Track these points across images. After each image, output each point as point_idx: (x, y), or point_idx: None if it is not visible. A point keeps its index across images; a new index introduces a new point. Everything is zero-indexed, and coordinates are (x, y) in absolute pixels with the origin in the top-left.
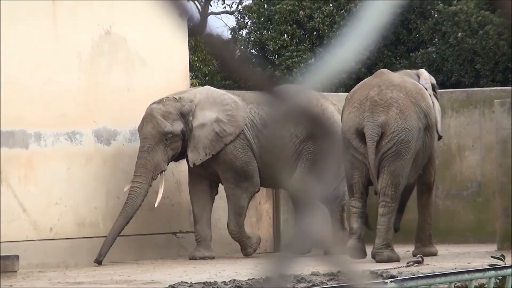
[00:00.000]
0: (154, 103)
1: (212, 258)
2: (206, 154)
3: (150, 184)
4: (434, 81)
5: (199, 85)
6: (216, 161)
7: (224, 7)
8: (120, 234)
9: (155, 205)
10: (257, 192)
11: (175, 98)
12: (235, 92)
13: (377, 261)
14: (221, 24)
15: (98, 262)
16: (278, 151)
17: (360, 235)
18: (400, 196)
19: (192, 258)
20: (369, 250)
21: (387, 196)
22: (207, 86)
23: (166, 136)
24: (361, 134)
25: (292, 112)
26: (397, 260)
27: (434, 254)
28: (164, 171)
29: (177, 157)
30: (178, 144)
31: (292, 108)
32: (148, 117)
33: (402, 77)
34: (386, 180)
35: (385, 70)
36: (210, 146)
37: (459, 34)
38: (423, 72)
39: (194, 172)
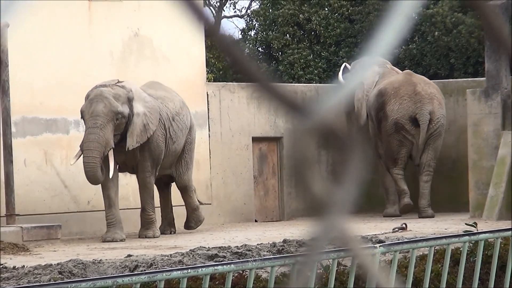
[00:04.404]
0: (99, 86)
1: (123, 240)
2: (136, 142)
3: (102, 159)
4: None
5: (213, 79)
6: (142, 148)
7: (235, 12)
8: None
9: (110, 176)
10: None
11: (119, 85)
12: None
13: (423, 217)
14: (232, 26)
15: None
16: (303, 168)
17: (409, 194)
18: None
19: (106, 240)
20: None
21: (430, 167)
22: (132, 81)
23: (117, 116)
24: (413, 120)
25: (317, 128)
26: (433, 216)
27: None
28: (112, 148)
29: (115, 140)
30: (123, 126)
31: (317, 124)
32: (99, 97)
33: (424, 77)
34: (431, 155)
35: (411, 71)
36: (140, 135)
37: (436, 33)
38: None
39: (116, 160)
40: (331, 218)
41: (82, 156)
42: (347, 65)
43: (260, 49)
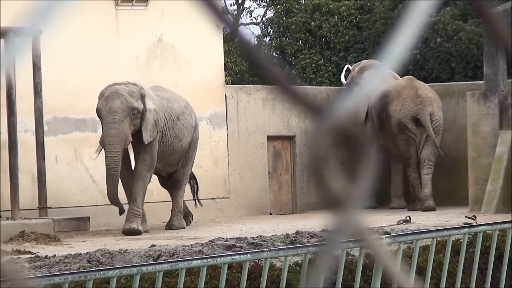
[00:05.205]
0: (114, 85)
1: (147, 231)
2: (150, 136)
3: (123, 152)
4: None
5: (231, 82)
6: (144, 144)
7: (251, 19)
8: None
9: (132, 168)
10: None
11: (132, 83)
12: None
13: (425, 207)
14: (249, 33)
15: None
16: (322, 167)
17: (421, 203)
18: None
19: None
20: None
21: (431, 161)
22: (141, 81)
23: (133, 111)
24: (415, 120)
25: (335, 129)
26: (435, 209)
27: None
28: (131, 142)
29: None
30: (138, 122)
31: (335, 125)
32: (115, 94)
33: (424, 83)
34: (431, 150)
35: (412, 77)
36: (152, 130)
37: (438, 39)
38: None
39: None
40: (348, 213)
41: (103, 150)
42: (350, 66)
43: (274, 54)
